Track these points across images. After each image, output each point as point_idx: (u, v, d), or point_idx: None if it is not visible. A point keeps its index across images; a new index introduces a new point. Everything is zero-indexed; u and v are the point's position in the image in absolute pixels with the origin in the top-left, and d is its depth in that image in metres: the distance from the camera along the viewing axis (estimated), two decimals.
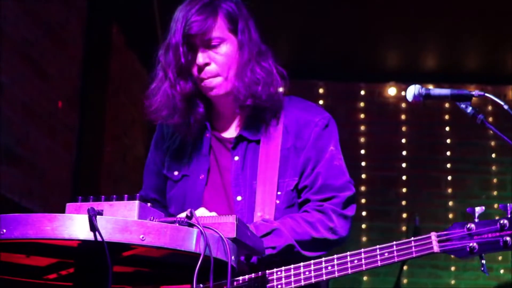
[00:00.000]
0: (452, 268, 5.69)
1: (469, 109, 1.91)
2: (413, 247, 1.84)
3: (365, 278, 5.70)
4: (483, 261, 1.82)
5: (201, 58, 2.04)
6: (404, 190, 5.86)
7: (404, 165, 5.90)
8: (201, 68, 2.05)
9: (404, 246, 1.85)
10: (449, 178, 5.85)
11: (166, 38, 2.09)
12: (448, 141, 5.92)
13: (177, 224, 1.50)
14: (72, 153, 4.38)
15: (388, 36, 5.52)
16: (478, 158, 5.86)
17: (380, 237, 5.69)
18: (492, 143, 5.87)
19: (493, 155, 5.87)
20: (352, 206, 2.06)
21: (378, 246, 1.86)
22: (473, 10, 4.90)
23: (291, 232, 1.96)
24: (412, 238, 1.85)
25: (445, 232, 1.83)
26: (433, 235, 1.83)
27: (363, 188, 5.83)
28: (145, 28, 5.14)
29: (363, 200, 5.81)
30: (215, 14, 2.03)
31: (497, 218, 1.80)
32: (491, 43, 5.38)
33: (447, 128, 5.93)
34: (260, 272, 1.91)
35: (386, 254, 1.85)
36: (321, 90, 6.02)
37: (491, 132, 1.93)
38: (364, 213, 5.79)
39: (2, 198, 3.48)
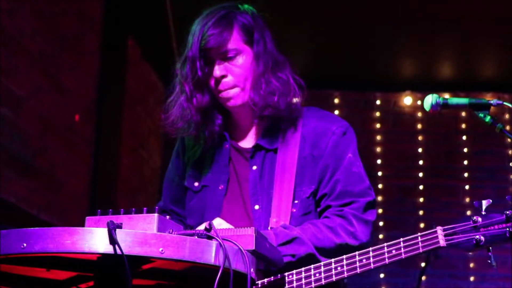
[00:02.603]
0: (471, 278, 5.64)
1: (488, 118, 1.91)
2: (420, 243, 1.83)
3: None
4: (490, 254, 1.80)
5: (218, 70, 2.06)
6: (421, 199, 5.82)
7: (421, 174, 5.87)
8: (218, 80, 2.07)
9: (411, 242, 1.84)
10: (467, 187, 5.80)
11: (183, 51, 2.11)
12: (465, 150, 5.88)
13: (196, 237, 1.50)
14: (89, 166, 4.40)
15: (403, 45, 5.51)
16: (496, 167, 5.81)
17: None
18: (510, 152, 5.82)
19: (511, 164, 5.82)
20: (372, 211, 2.05)
21: (385, 244, 1.86)
22: (489, 18, 4.88)
23: (312, 239, 1.96)
24: (419, 234, 1.85)
25: (451, 226, 1.82)
26: (439, 229, 1.83)
27: (380, 198, 5.80)
28: (161, 40, 5.17)
29: (380, 210, 5.78)
30: (230, 27, 2.05)
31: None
32: (507, 51, 5.35)
33: (464, 137, 5.90)
34: (279, 275, 1.91)
35: (393, 251, 1.84)
36: (336, 100, 6.01)
37: (509, 140, 1.93)
38: (381, 223, 5.76)
39: (21, 212, 3.50)
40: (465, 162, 5.87)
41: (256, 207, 2.06)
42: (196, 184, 2.16)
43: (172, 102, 2.13)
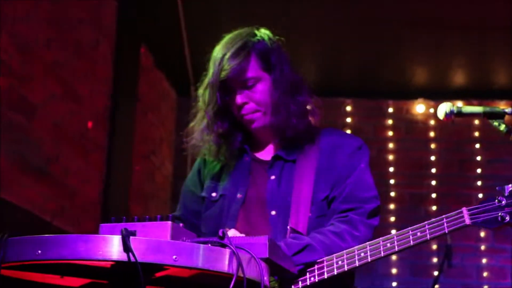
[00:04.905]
0: None
1: (503, 127, 1.91)
2: (445, 223, 1.88)
3: None
4: None
5: (239, 98, 2.16)
6: (434, 208, 5.79)
7: (433, 182, 5.84)
8: (240, 107, 2.17)
9: (436, 224, 1.89)
10: (480, 195, 5.77)
11: (205, 77, 2.21)
12: (478, 158, 5.85)
13: (210, 245, 1.50)
14: (102, 173, 4.42)
15: (416, 53, 5.49)
16: (509, 175, 5.77)
17: (410, 255, 5.62)
18: None
19: None
20: (376, 217, 2.12)
21: (410, 228, 1.90)
22: (502, 26, 4.86)
23: (322, 246, 2.00)
24: (444, 216, 1.89)
25: (476, 206, 1.88)
26: (464, 209, 1.88)
27: (392, 206, 5.78)
28: (173, 48, 5.19)
29: (392, 218, 5.76)
30: (248, 56, 2.14)
31: None
32: None
33: (477, 145, 5.87)
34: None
35: (418, 233, 1.89)
36: (348, 108, 6.00)
37: None
38: (393, 231, 5.72)
39: (34, 219, 3.52)
40: (478, 171, 5.83)
41: (273, 212, 2.12)
42: (214, 194, 2.23)
43: (194, 127, 2.24)
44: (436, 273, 4.90)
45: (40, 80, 3.64)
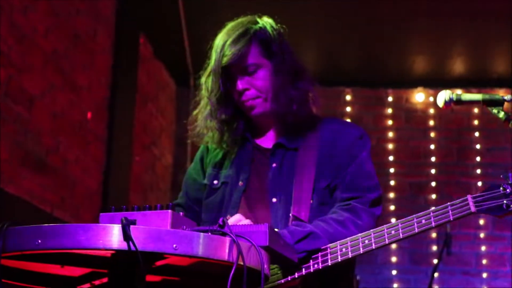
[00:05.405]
0: (484, 275, 5.62)
1: (502, 114, 1.90)
2: (450, 211, 1.87)
3: (395, 285, 5.65)
4: None
5: (240, 84, 2.16)
6: (433, 196, 5.80)
7: (433, 171, 5.85)
8: (241, 93, 2.17)
9: (441, 211, 1.88)
10: (479, 183, 5.78)
11: (207, 65, 2.22)
12: (478, 146, 5.86)
13: (210, 233, 1.50)
14: (102, 163, 4.42)
15: (415, 41, 5.49)
16: (508, 163, 5.78)
17: (409, 243, 5.63)
18: None
19: None
20: (378, 207, 2.13)
21: (414, 215, 1.90)
22: (501, 14, 4.85)
23: (325, 234, 2.00)
24: (449, 203, 1.89)
25: (480, 194, 1.88)
26: (469, 197, 1.88)
27: (392, 195, 5.79)
28: (172, 38, 5.18)
29: (392, 207, 5.77)
30: (249, 43, 2.15)
31: None
32: None
33: (476, 134, 5.87)
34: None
35: (423, 221, 1.89)
36: (348, 97, 6.00)
37: None
38: (393, 220, 5.72)
39: (34, 209, 3.52)
40: (478, 159, 5.84)
41: (274, 200, 2.12)
42: (215, 182, 2.24)
43: (197, 114, 2.25)
44: (435, 261, 4.91)
45: (39, 71, 3.63)
